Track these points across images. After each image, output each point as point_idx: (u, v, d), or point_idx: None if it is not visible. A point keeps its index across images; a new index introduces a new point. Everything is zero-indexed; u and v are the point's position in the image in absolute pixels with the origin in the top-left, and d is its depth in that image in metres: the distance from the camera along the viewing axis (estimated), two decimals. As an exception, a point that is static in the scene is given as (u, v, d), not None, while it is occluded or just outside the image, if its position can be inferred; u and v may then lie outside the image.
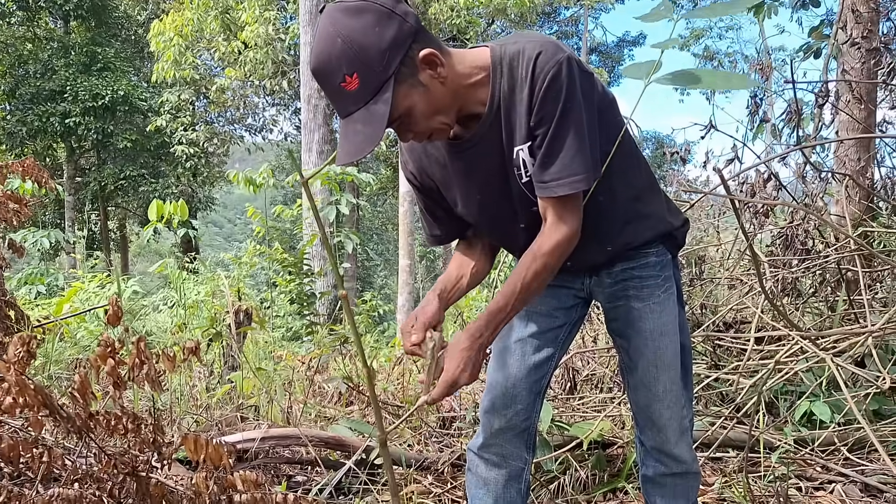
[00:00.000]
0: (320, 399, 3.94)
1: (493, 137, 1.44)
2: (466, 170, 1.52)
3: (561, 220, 1.41)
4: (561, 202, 1.40)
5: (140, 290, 9.01)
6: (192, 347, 1.62)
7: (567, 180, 1.36)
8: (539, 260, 1.41)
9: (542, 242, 1.42)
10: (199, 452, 1.68)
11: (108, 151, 19.18)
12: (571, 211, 1.41)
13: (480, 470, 1.73)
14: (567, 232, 1.41)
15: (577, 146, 1.35)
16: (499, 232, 1.64)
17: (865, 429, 1.65)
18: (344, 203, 7.64)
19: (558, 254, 1.41)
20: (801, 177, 4.46)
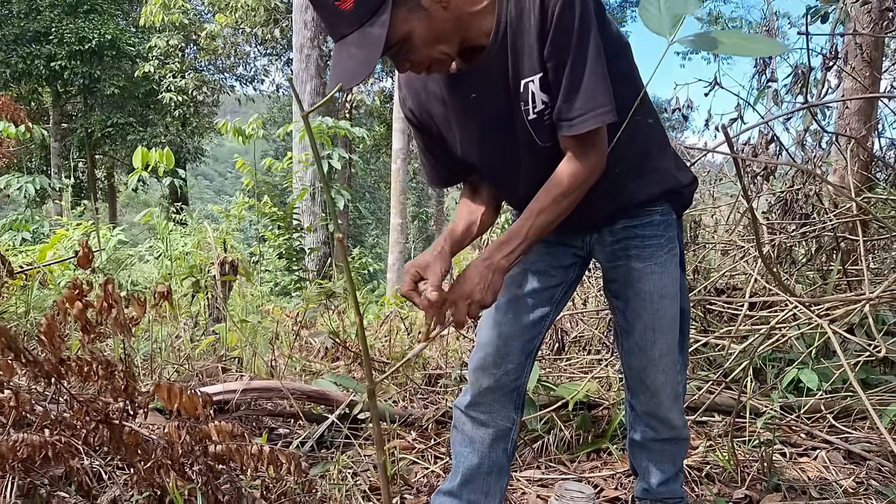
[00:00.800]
0: (306, 354, 3.91)
1: (498, 70, 1.35)
2: (467, 106, 1.43)
3: (585, 155, 1.34)
4: (583, 139, 1.33)
5: (126, 240, 8.91)
6: (164, 292, 1.55)
7: (592, 114, 1.29)
8: (556, 190, 1.35)
9: (562, 175, 1.35)
10: (173, 401, 1.63)
11: (95, 97, 18.79)
12: (596, 146, 1.34)
13: (467, 428, 1.69)
14: (590, 167, 1.35)
15: (598, 76, 1.28)
16: (498, 177, 1.57)
17: (860, 396, 1.62)
18: (336, 157, 7.51)
19: (578, 187, 1.35)
20: (801, 143, 4.40)
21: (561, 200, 1.35)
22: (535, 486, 2.20)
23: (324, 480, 2.11)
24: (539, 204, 1.36)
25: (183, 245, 7.57)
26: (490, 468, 1.67)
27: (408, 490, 2.17)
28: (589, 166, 1.35)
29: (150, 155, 5.82)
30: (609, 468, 2.34)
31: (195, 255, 6.28)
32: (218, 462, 1.69)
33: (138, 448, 1.80)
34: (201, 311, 4.25)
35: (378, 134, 17.48)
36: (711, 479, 2.23)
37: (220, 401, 2.50)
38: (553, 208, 1.36)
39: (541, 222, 1.36)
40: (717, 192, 5.00)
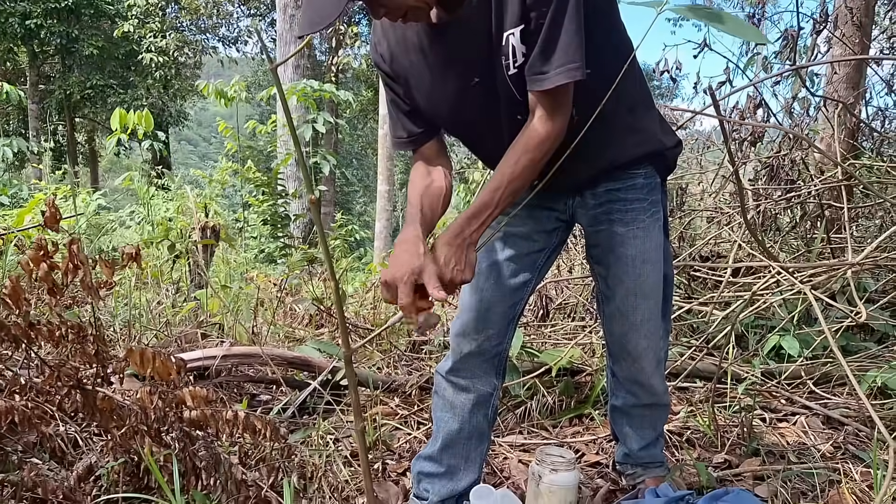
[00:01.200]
0: (290, 321, 3.88)
1: (480, 21, 1.30)
2: (447, 57, 1.37)
3: (551, 113, 1.31)
4: (553, 95, 1.29)
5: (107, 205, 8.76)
6: (132, 253, 1.50)
7: (564, 69, 1.25)
8: (527, 154, 1.31)
9: (531, 136, 1.32)
10: (146, 367, 1.59)
11: (74, 58, 18.30)
12: (562, 104, 1.31)
13: (448, 394, 1.67)
14: (557, 126, 1.31)
15: (574, 31, 1.24)
16: (476, 136, 1.52)
17: (841, 362, 1.62)
18: (321, 122, 7.38)
19: (546, 148, 1.32)
20: (789, 111, 4.37)
21: (533, 164, 1.32)
22: (518, 452, 2.21)
23: (305, 446, 2.10)
24: (510, 168, 1.32)
25: (165, 210, 7.46)
26: (470, 433, 1.66)
27: (390, 455, 2.17)
28: (559, 125, 1.32)
29: (129, 117, 5.67)
30: (591, 433, 2.35)
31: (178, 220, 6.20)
32: (194, 428, 1.67)
33: (113, 414, 1.77)
34: (183, 277, 4.20)
35: (365, 99, 17.21)
36: (692, 444, 2.25)
37: (199, 367, 2.48)
38: (525, 173, 1.33)
39: (513, 188, 1.33)
40: (705, 161, 4.98)
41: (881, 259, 2.59)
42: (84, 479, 1.77)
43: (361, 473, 2.00)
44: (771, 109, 3.38)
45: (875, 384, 2.38)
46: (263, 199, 7.07)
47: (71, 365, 1.74)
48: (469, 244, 1.32)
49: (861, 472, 1.96)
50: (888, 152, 4.26)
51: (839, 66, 4.20)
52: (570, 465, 1.69)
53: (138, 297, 3.66)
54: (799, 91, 4.19)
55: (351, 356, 1.28)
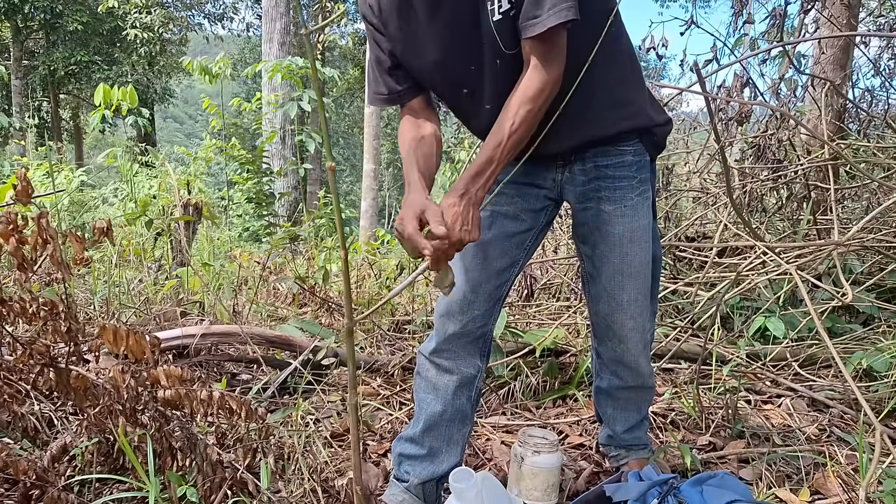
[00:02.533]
0: (274, 300, 3.83)
1: None
2: (433, 7, 1.36)
3: (546, 61, 1.29)
4: (547, 40, 1.27)
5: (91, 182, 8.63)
6: (103, 228, 1.45)
7: (556, 9, 1.23)
8: (525, 106, 1.29)
9: (528, 87, 1.30)
10: (119, 344, 1.54)
11: (58, 33, 17.94)
12: (556, 50, 1.30)
13: (430, 374, 1.64)
14: (553, 74, 1.29)
15: None
16: (460, 90, 1.48)
17: (827, 343, 1.60)
18: (306, 99, 7.27)
19: (544, 97, 1.30)
20: (776, 92, 4.34)
21: (532, 115, 1.30)
22: (500, 433, 2.19)
23: (284, 427, 2.06)
24: (509, 121, 1.30)
25: (149, 188, 7.36)
26: (453, 415, 1.63)
27: (371, 436, 2.14)
28: (555, 72, 1.30)
29: (113, 93, 5.55)
30: (574, 414, 2.33)
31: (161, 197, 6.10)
32: (168, 407, 1.63)
33: (87, 393, 1.72)
34: (165, 255, 4.13)
35: (352, 77, 17.01)
36: (676, 426, 2.24)
37: (178, 346, 2.43)
38: (525, 124, 1.30)
39: (514, 141, 1.31)
40: (692, 142, 4.95)
41: (867, 240, 2.58)
42: (58, 460, 1.73)
43: (345, 451, 1.97)
44: (758, 88, 3.34)
45: (860, 366, 2.37)
46: (248, 176, 6.98)
47: (42, 342, 1.69)
48: (474, 203, 1.30)
49: (847, 454, 1.95)
50: (874, 134, 4.25)
51: (826, 47, 4.17)
52: (552, 446, 1.67)
53: (119, 276, 3.60)
54: (786, 72, 4.16)
55: (353, 328, 1.24)
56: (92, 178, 11.03)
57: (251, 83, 22.09)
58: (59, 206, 6.47)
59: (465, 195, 1.30)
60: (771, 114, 3.39)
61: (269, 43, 9.00)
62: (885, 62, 4.51)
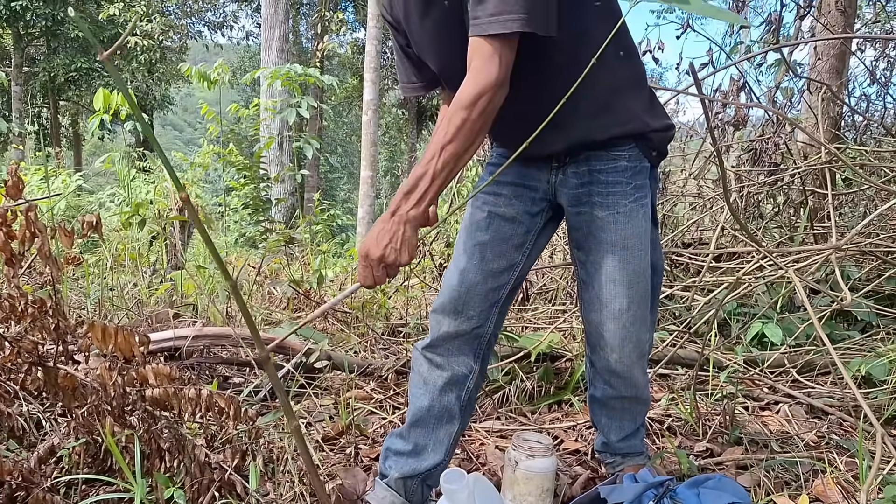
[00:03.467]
0: (268, 304, 3.81)
1: None
2: (425, 4, 1.36)
3: (483, 66, 1.20)
4: (490, 45, 1.20)
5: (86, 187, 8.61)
6: (92, 222, 1.43)
7: (500, 17, 1.17)
8: (459, 114, 1.21)
9: (462, 92, 1.22)
10: (108, 342, 1.52)
11: (59, 40, 18.00)
12: (496, 57, 1.20)
13: (422, 369, 1.62)
14: (490, 80, 1.20)
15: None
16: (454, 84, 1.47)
17: (829, 348, 1.58)
18: (305, 106, 7.26)
19: (481, 106, 1.21)
20: (772, 101, 4.34)
21: (466, 124, 1.22)
22: (494, 437, 2.16)
23: (275, 430, 2.03)
24: (441, 133, 1.23)
25: (146, 193, 7.34)
26: (440, 413, 1.60)
27: (363, 440, 2.11)
28: (492, 79, 1.20)
29: (112, 97, 5.55)
30: (570, 420, 2.30)
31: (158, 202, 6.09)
32: (156, 407, 1.60)
33: (75, 392, 1.70)
34: (160, 258, 4.11)
35: (350, 86, 17.04)
36: (673, 432, 2.21)
37: (170, 347, 2.40)
38: (460, 135, 1.22)
39: (449, 155, 1.23)
40: (689, 150, 4.95)
41: (865, 245, 2.56)
42: (44, 461, 1.70)
43: (335, 454, 1.94)
44: (754, 93, 3.34)
45: (859, 373, 2.35)
46: (245, 182, 6.96)
47: (30, 339, 1.66)
48: (405, 222, 1.24)
49: (846, 461, 1.93)
50: (870, 143, 4.26)
51: (823, 55, 4.18)
52: (547, 450, 1.64)
53: (113, 279, 3.58)
54: (782, 80, 4.16)
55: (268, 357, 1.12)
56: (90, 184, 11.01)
57: (250, 91, 22.13)
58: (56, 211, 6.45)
59: (397, 214, 1.25)
60: (767, 119, 3.38)
61: (268, 50, 9.02)
62: (880, 71, 4.51)
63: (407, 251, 1.25)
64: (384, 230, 1.24)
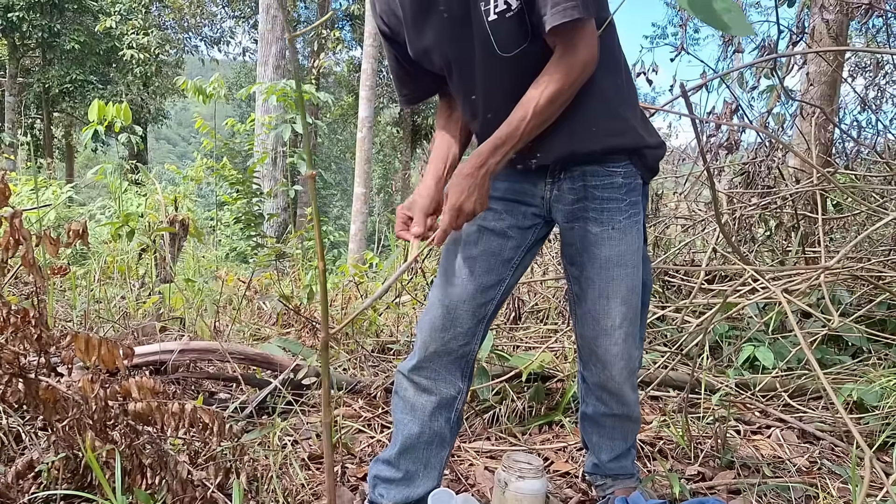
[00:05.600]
0: (258, 319, 3.77)
1: None
2: (426, 5, 1.37)
3: (573, 45, 1.29)
4: (570, 30, 1.28)
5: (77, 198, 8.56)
6: (79, 230, 1.40)
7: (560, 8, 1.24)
8: (553, 84, 1.29)
9: (555, 66, 1.30)
10: (91, 354, 1.49)
11: (55, 52, 18.02)
12: (583, 37, 1.29)
13: (409, 394, 1.59)
14: (580, 58, 1.29)
15: None
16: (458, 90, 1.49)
17: (818, 374, 1.56)
18: (299, 123, 7.27)
19: (572, 79, 1.30)
20: (764, 125, 4.38)
21: (558, 94, 1.30)
22: (484, 458, 2.13)
23: (261, 447, 2.00)
24: (535, 99, 1.30)
25: (137, 206, 7.31)
26: (430, 438, 1.58)
27: (350, 459, 2.07)
28: (582, 57, 1.30)
29: (107, 109, 5.52)
30: (560, 441, 2.27)
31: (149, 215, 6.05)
32: (139, 421, 1.56)
33: (56, 406, 1.66)
34: (149, 272, 4.07)
35: (346, 103, 17.12)
36: (664, 455, 2.18)
37: (156, 361, 2.36)
38: (550, 103, 1.31)
39: (539, 120, 1.32)
40: (681, 174, 4.98)
41: (856, 269, 2.56)
42: (23, 476, 1.66)
43: (322, 474, 1.90)
44: (746, 115, 3.37)
45: (851, 398, 2.34)
46: (238, 196, 6.94)
47: (11, 349, 1.63)
48: (486, 174, 1.34)
49: (838, 487, 1.91)
50: (859, 168, 4.29)
51: (814, 82, 4.23)
52: (537, 472, 1.61)
53: (101, 291, 3.54)
54: (774, 105, 4.20)
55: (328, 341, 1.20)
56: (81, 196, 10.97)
57: (245, 106, 22.18)
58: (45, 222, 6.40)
59: (484, 166, 1.33)
60: (759, 143, 3.40)
61: (264, 66, 9.04)
62: (871, 99, 4.57)
63: (483, 202, 1.36)
64: (473, 184, 1.33)
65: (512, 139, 1.32)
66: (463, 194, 1.33)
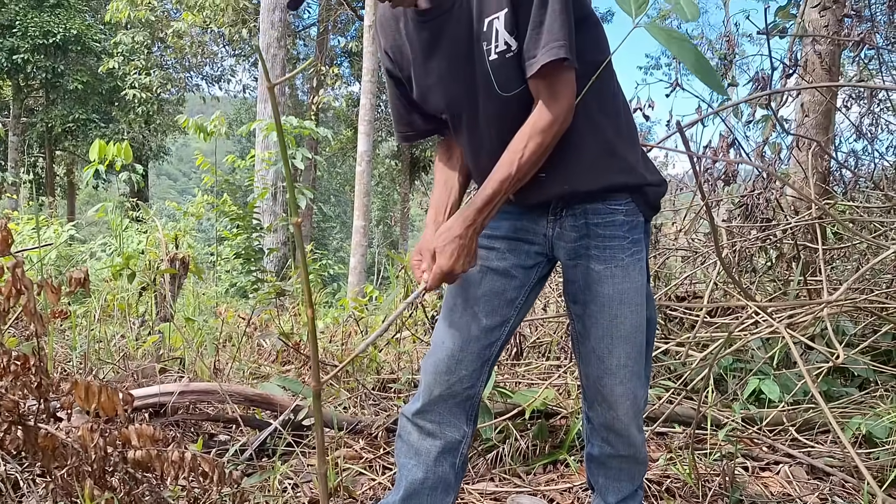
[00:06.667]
0: (257, 357, 3.74)
1: (463, 10, 1.36)
2: (431, 43, 1.41)
3: (551, 97, 1.32)
4: (548, 78, 1.31)
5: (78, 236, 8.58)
6: (80, 279, 1.40)
7: (548, 47, 1.27)
8: (535, 138, 1.33)
9: (536, 119, 1.33)
10: (91, 401, 1.48)
11: (58, 92, 18.25)
12: (560, 86, 1.32)
13: (413, 438, 1.57)
14: (559, 109, 1.32)
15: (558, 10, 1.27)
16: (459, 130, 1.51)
17: (822, 408, 1.54)
18: (299, 158, 7.34)
19: (553, 131, 1.33)
20: (760, 155, 4.40)
21: (539, 148, 1.33)
22: (488, 501, 2.09)
23: (260, 492, 1.97)
24: (517, 154, 1.34)
25: (138, 243, 7.31)
26: (435, 483, 1.55)
27: (352, 503, 2.04)
28: (561, 107, 1.33)
29: (108, 148, 5.56)
30: (566, 481, 2.24)
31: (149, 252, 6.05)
32: (138, 469, 1.54)
33: (55, 453, 1.64)
34: (150, 310, 4.05)
35: (345, 138, 17.28)
36: (672, 494, 2.15)
37: (155, 403, 2.34)
38: (532, 157, 1.34)
39: (522, 174, 1.35)
40: (679, 203, 4.99)
41: (859, 301, 2.55)
42: (19, 525, 1.64)
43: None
44: (743, 149, 3.40)
45: (860, 432, 2.31)
46: (238, 232, 6.96)
47: (11, 398, 1.61)
48: (474, 234, 1.38)
49: (848, 524, 1.87)
50: (859, 197, 4.30)
51: (809, 112, 4.27)
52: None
53: (101, 330, 3.51)
54: (770, 135, 4.23)
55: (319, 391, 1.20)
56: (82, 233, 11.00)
57: (245, 141, 22.39)
58: (46, 260, 6.40)
59: (472, 226, 1.36)
60: (757, 174, 3.42)
61: (263, 103, 9.15)
62: (866, 127, 4.60)
63: (475, 257, 1.41)
64: (462, 246, 1.36)
65: (497, 195, 1.36)
66: (452, 258, 1.35)
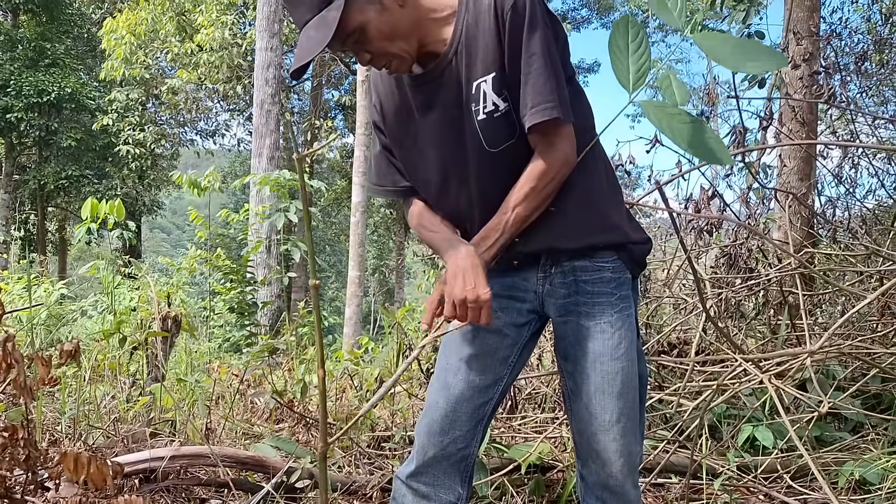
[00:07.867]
0: (250, 415, 3.71)
1: (452, 77, 1.43)
2: (424, 105, 1.48)
3: (549, 147, 1.40)
4: (544, 131, 1.38)
5: (69, 294, 8.56)
6: (71, 350, 1.42)
7: (537, 109, 1.35)
8: (529, 183, 1.40)
9: (533, 166, 1.40)
10: (80, 472, 1.47)
11: (51, 149, 18.41)
12: (557, 137, 1.39)
13: (407, 501, 1.56)
14: (558, 156, 1.39)
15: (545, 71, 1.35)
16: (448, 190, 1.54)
17: (805, 457, 1.55)
18: (293, 210, 7.41)
19: (549, 177, 1.40)
20: (745, 201, 4.48)
21: (535, 192, 1.40)
22: (484, 559, 2.06)
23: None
24: (515, 196, 1.41)
25: (130, 300, 7.30)
26: (430, 549, 1.53)
27: (346, 566, 2.01)
28: (557, 157, 1.40)
29: (100, 206, 5.61)
30: (562, 536, 2.21)
31: (141, 310, 6.04)
32: (127, 541, 1.53)
33: (41, 526, 1.62)
34: (140, 370, 4.03)
35: (339, 188, 17.46)
36: (668, 547, 2.13)
37: (145, 469, 2.32)
38: (529, 200, 1.40)
39: (518, 215, 1.41)
40: (668, 248, 5.04)
41: (844, 346, 2.57)
42: None
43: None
44: (725, 201, 3.47)
45: (853, 477, 2.30)
46: (231, 286, 6.97)
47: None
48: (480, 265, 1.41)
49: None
50: (843, 241, 4.36)
51: (789, 159, 4.37)
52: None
53: (91, 392, 3.49)
54: (753, 182, 4.32)
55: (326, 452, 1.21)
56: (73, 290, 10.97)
57: (239, 194, 22.56)
58: (37, 320, 6.37)
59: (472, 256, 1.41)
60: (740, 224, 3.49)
61: (258, 157, 9.28)
62: (846, 172, 4.70)
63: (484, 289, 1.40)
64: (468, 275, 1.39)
65: (495, 232, 1.42)
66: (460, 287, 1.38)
